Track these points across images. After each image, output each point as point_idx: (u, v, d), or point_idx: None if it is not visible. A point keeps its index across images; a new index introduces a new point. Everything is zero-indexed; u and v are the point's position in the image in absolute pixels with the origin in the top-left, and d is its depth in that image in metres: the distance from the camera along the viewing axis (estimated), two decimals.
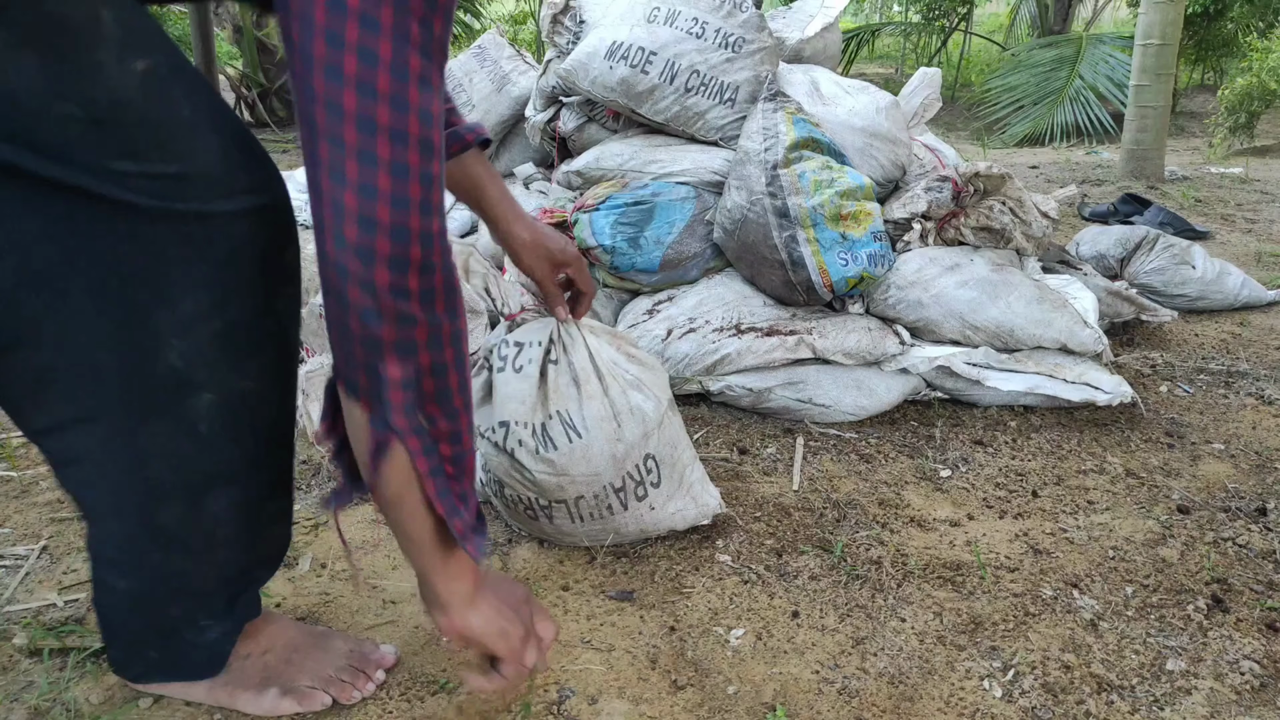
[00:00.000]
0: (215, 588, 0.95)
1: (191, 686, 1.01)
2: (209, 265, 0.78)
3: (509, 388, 1.25)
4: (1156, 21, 4.45)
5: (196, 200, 0.76)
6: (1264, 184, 4.56)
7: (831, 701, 1.05)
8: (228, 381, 0.83)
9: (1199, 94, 8.66)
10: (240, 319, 0.82)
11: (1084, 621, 1.20)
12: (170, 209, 0.75)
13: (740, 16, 2.00)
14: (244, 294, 0.82)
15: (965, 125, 8.10)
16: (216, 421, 0.84)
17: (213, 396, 0.83)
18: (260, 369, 0.86)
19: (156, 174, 0.74)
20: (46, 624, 1.14)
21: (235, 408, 0.85)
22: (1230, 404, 1.92)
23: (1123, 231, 2.72)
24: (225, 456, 0.87)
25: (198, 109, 0.76)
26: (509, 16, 10.32)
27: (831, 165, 1.84)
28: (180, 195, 0.75)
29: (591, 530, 1.30)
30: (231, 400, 0.84)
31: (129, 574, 0.91)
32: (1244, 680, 1.10)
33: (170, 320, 0.78)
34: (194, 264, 0.78)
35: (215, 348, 0.81)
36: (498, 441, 1.25)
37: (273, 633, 1.05)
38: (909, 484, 1.57)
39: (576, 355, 1.26)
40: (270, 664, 1.02)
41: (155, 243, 0.76)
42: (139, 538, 0.88)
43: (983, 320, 1.83)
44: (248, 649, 1.02)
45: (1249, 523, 1.46)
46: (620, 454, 1.25)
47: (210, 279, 0.79)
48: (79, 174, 0.71)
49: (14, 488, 1.49)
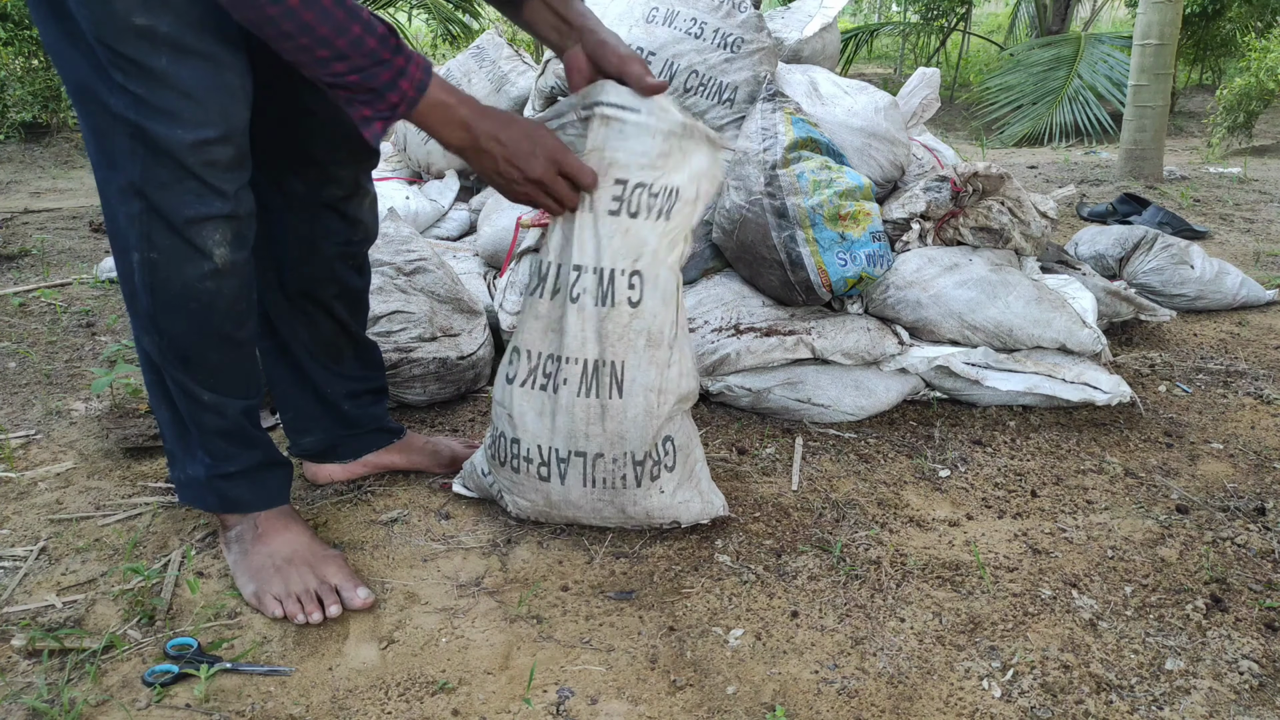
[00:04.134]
0: (166, 417, 1.22)
1: (230, 545, 1.26)
2: (138, 166, 1.02)
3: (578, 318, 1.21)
4: (1155, 21, 4.45)
5: (142, 116, 1.00)
6: (1262, 184, 4.56)
7: (831, 701, 1.05)
8: (144, 248, 1.07)
9: (1197, 94, 8.67)
10: (157, 206, 1.04)
11: (1083, 621, 1.20)
12: (125, 115, 1.00)
13: (739, 17, 2.00)
14: (162, 193, 1.04)
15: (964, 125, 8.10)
16: (143, 277, 1.09)
17: (138, 256, 1.08)
18: (167, 248, 1.07)
19: (127, 87, 0.99)
20: (45, 625, 1.14)
21: (149, 270, 1.08)
22: (1229, 403, 1.93)
23: (1121, 231, 2.73)
24: (147, 308, 1.11)
25: (175, 67, 0.99)
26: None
27: (830, 165, 1.84)
28: (136, 109, 1.00)
29: (599, 503, 1.29)
30: (148, 264, 1.08)
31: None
32: (1243, 680, 1.10)
33: (111, 188, 1.07)
34: (135, 159, 1.02)
35: (135, 220, 1.06)
36: (547, 372, 1.23)
37: (287, 539, 1.24)
38: (908, 484, 1.57)
39: (664, 312, 1.22)
40: (265, 565, 1.21)
41: (119, 134, 1.02)
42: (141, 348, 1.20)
43: (981, 320, 1.83)
44: (262, 547, 1.23)
45: (1248, 522, 1.46)
46: (653, 429, 1.24)
47: (136, 174, 1.03)
48: (96, 74, 1.01)
49: (13, 489, 1.48)
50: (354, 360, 1.44)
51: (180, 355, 1.15)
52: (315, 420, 1.45)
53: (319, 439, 1.46)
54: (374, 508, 1.44)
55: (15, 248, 3.05)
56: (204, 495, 1.25)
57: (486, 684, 1.06)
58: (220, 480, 1.23)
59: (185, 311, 1.11)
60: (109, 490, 1.49)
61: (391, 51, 1.01)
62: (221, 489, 1.23)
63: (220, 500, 1.24)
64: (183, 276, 1.09)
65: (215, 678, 1.06)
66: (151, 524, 1.39)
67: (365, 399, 1.47)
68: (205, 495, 1.24)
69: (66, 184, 4.61)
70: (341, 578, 1.20)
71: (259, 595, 1.18)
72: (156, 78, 0.99)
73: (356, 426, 1.47)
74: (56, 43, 1.03)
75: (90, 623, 1.15)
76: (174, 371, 1.16)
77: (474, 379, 1.86)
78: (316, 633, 1.15)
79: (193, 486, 1.25)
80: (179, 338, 1.13)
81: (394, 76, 1.02)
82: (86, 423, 1.73)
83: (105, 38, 0.97)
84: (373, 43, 1.00)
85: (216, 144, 1.03)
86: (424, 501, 1.46)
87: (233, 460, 1.23)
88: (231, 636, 1.13)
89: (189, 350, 1.15)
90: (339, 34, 0.97)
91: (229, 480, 1.23)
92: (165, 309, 1.11)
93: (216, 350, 1.16)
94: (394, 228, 1.94)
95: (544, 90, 2.27)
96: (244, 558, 1.22)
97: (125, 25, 0.97)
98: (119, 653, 1.09)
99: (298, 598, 1.17)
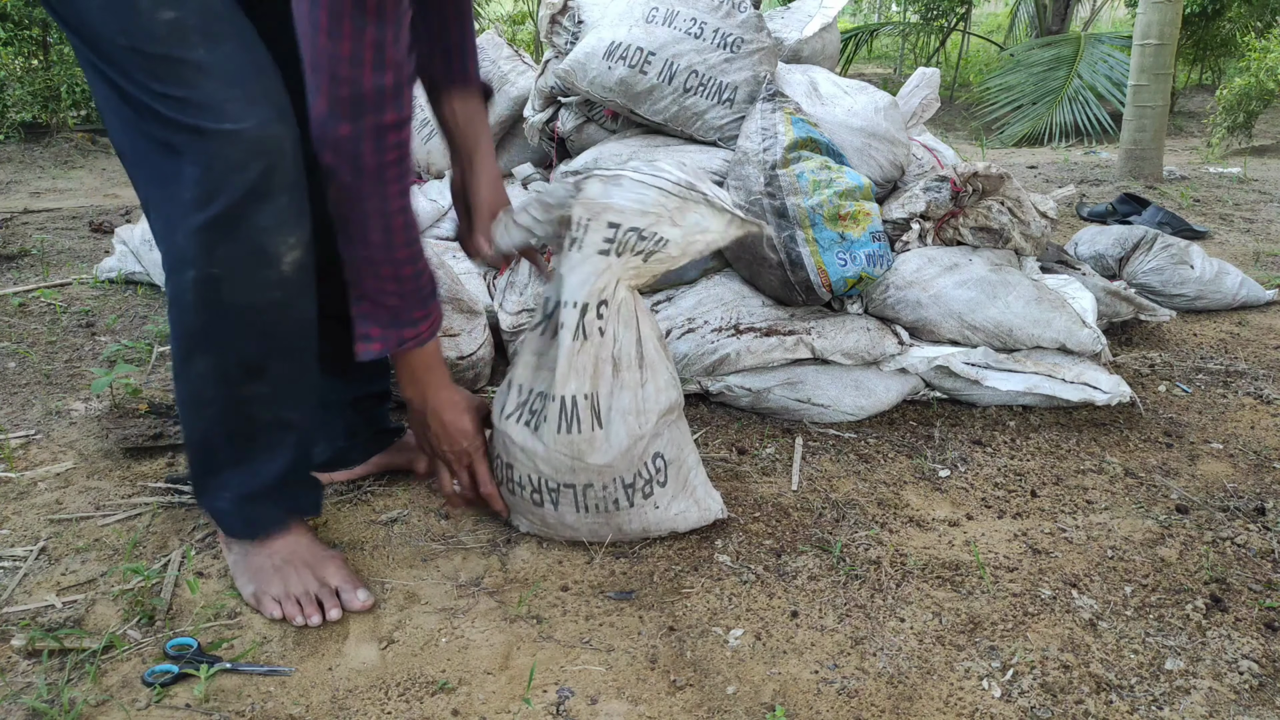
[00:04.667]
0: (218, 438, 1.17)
1: (230, 545, 1.24)
2: (199, 169, 0.99)
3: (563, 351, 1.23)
4: (1155, 21, 4.45)
5: (190, 116, 0.98)
6: (1262, 183, 4.57)
7: (830, 701, 1.05)
8: (202, 264, 1.03)
9: (1197, 94, 8.67)
10: (217, 217, 1.01)
11: (1083, 621, 1.20)
12: (177, 120, 0.98)
13: (739, 16, 2.00)
14: (230, 193, 1.00)
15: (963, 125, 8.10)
16: (199, 295, 1.05)
17: (195, 274, 1.04)
18: (229, 259, 1.04)
19: (170, 94, 0.97)
20: (45, 625, 1.14)
21: (209, 287, 1.04)
22: (1229, 403, 1.93)
23: (1121, 231, 2.73)
24: (203, 327, 1.07)
25: (212, 53, 0.98)
26: (507, 17, 10.31)
27: (830, 165, 1.84)
28: (184, 112, 0.98)
29: (594, 525, 1.30)
30: (208, 280, 1.04)
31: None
32: (1243, 680, 1.10)
33: (170, 206, 1.03)
34: (189, 165, 0.99)
35: (196, 237, 1.02)
36: (534, 409, 1.25)
37: (286, 541, 1.23)
38: (908, 484, 1.57)
39: (624, 334, 1.24)
40: (265, 566, 1.20)
41: (168, 142, 1.00)
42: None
43: (981, 320, 1.83)
44: (262, 548, 1.21)
45: (1247, 522, 1.46)
46: (639, 451, 1.25)
47: (198, 179, 0.99)
48: (128, 82, 0.99)
49: (12, 489, 1.48)
50: (359, 366, 1.44)
51: (245, 371, 1.11)
52: (319, 431, 1.44)
53: (324, 449, 1.46)
54: (374, 508, 1.44)
55: (15, 248, 3.05)
56: (232, 519, 1.22)
57: (486, 684, 1.06)
58: (247, 503, 1.20)
59: (253, 325, 1.08)
60: (109, 490, 1.49)
61: (432, 301, 1.19)
62: (248, 512, 1.20)
63: (246, 524, 1.22)
64: (251, 287, 1.05)
65: (215, 678, 1.06)
66: (151, 524, 1.39)
67: (368, 403, 1.47)
68: (233, 519, 1.22)
69: (66, 184, 4.61)
70: (341, 579, 1.20)
71: (258, 596, 1.18)
72: (196, 71, 0.97)
73: (360, 433, 1.47)
74: (94, 69, 1.02)
75: (90, 623, 1.15)
76: (235, 389, 1.12)
77: (474, 379, 1.86)
78: (316, 633, 1.15)
79: (225, 516, 1.22)
80: (245, 352, 1.09)
81: (422, 319, 1.19)
82: (86, 423, 1.73)
83: (136, 43, 0.96)
84: (428, 285, 1.17)
85: (275, 125, 1.01)
86: (424, 501, 1.46)
87: (274, 473, 1.20)
88: (231, 636, 1.13)
89: (255, 364, 1.11)
90: (411, 260, 1.13)
91: (256, 501, 1.20)
92: (229, 324, 1.07)
93: (284, 362, 1.13)
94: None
95: (544, 90, 2.27)
96: (244, 558, 1.22)
97: (153, 23, 0.96)
98: (119, 653, 1.09)
99: (297, 599, 1.17)
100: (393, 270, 1.13)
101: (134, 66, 0.97)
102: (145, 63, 0.97)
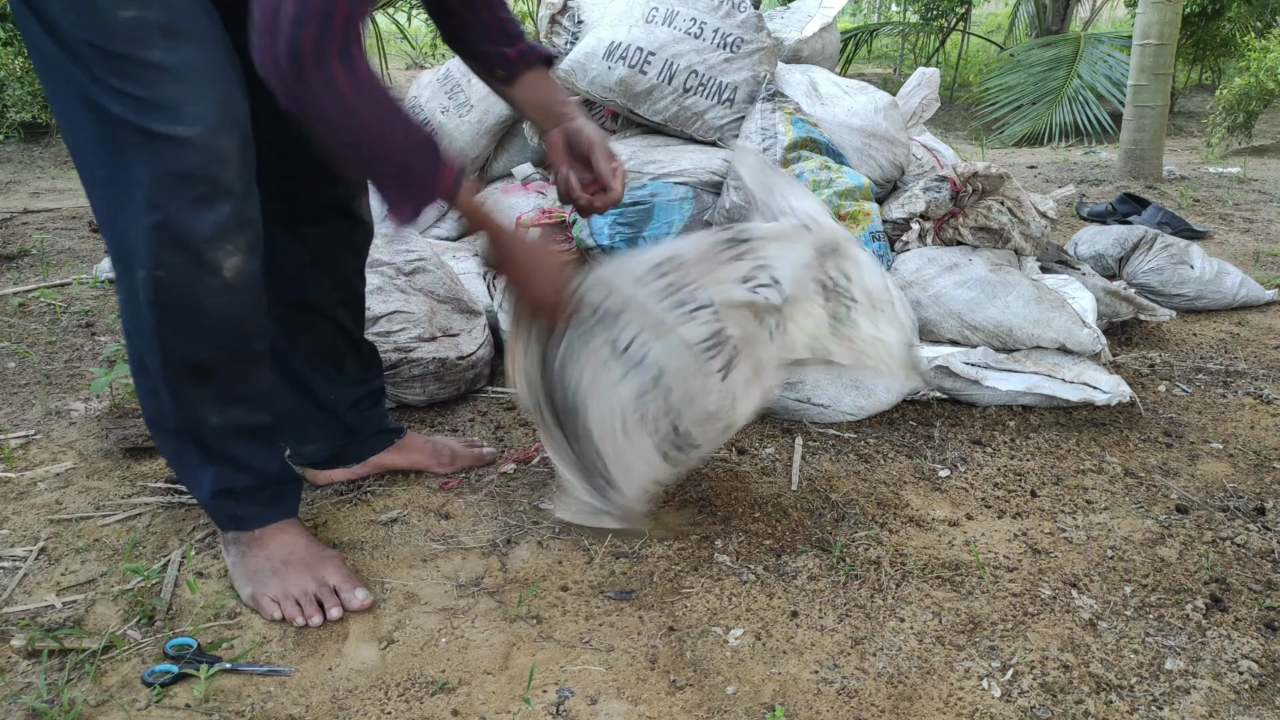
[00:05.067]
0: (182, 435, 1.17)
1: (228, 546, 1.24)
2: (147, 171, 0.99)
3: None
4: (1154, 21, 4.45)
5: (143, 117, 0.98)
6: (1262, 183, 4.57)
7: (830, 701, 1.05)
8: (150, 264, 1.04)
9: (1197, 94, 8.67)
10: (161, 223, 1.01)
11: (1083, 621, 1.20)
12: (128, 120, 0.98)
13: (738, 17, 2.00)
14: (173, 200, 1.01)
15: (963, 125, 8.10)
16: (148, 295, 1.05)
17: (144, 273, 1.04)
18: (172, 264, 1.04)
19: (126, 92, 0.97)
20: (45, 625, 1.14)
21: (156, 288, 1.05)
22: (1228, 403, 1.93)
23: (1121, 231, 2.73)
24: (152, 327, 1.08)
25: (169, 54, 0.98)
26: None
27: (830, 165, 1.85)
28: (137, 111, 0.97)
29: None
30: (155, 282, 1.04)
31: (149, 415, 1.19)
32: (1242, 679, 1.10)
33: (121, 203, 1.03)
34: (139, 166, 0.99)
35: (146, 236, 1.02)
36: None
37: (284, 541, 1.23)
38: (907, 484, 1.57)
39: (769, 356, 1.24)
40: (263, 567, 1.20)
41: (119, 139, 0.99)
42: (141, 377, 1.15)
43: (981, 320, 1.83)
44: (259, 549, 1.21)
45: (1247, 522, 1.46)
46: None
47: (147, 181, 1.00)
48: (84, 75, 0.98)
49: (12, 489, 1.48)
50: (355, 365, 1.44)
51: (191, 374, 1.11)
52: (317, 429, 1.44)
53: (322, 448, 1.46)
54: (374, 508, 1.44)
55: (15, 248, 3.04)
56: (212, 514, 1.24)
57: (486, 684, 1.06)
58: (224, 498, 1.20)
59: (198, 329, 1.09)
60: (109, 490, 1.49)
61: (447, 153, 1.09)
62: (227, 508, 1.21)
63: (229, 519, 1.22)
64: (193, 292, 1.06)
65: (215, 678, 1.06)
66: (151, 524, 1.39)
67: (366, 403, 1.47)
68: (213, 514, 1.23)
69: (66, 184, 4.61)
70: (340, 579, 1.20)
71: (256, 598, 1.18)
72: (154, 70, 0.97)
73: (359, 432, 1.47)
74: (48, 62, 1.00)
75: (90, 623, 1.15)
76: (184, 391, 1.13)
77: (473, 379, 1.86)
78: (316, 633, 1.15)
79: (204, 506, 1.24)
80: (190, 356, 1.10)
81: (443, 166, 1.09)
82: (86, 423, 1.73)
83: (96, 39, 0.95)
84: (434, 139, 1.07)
85: (222, 133, 1.01)
86: (424, 501, 1.46)
87: (245, 475, 1.21)
88: (231, 636, 1.13)
89: (201, 368, 1.12)
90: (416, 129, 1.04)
91: (235, 498, 1.21)
92: (174, 327, 1.08)
93: (230, 367, 1.14)
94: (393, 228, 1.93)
95: None
96: (242, 560, 1.22)
97: (114, 20, 0.95)
98: (119, 653, 1.09)
99: (296, 600, 1.17)
100: (404, 142, 1.04)
101: (92, 60, 0.97)
102: (103, 58, 0.96)
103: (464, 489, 1.51)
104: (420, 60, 9.88)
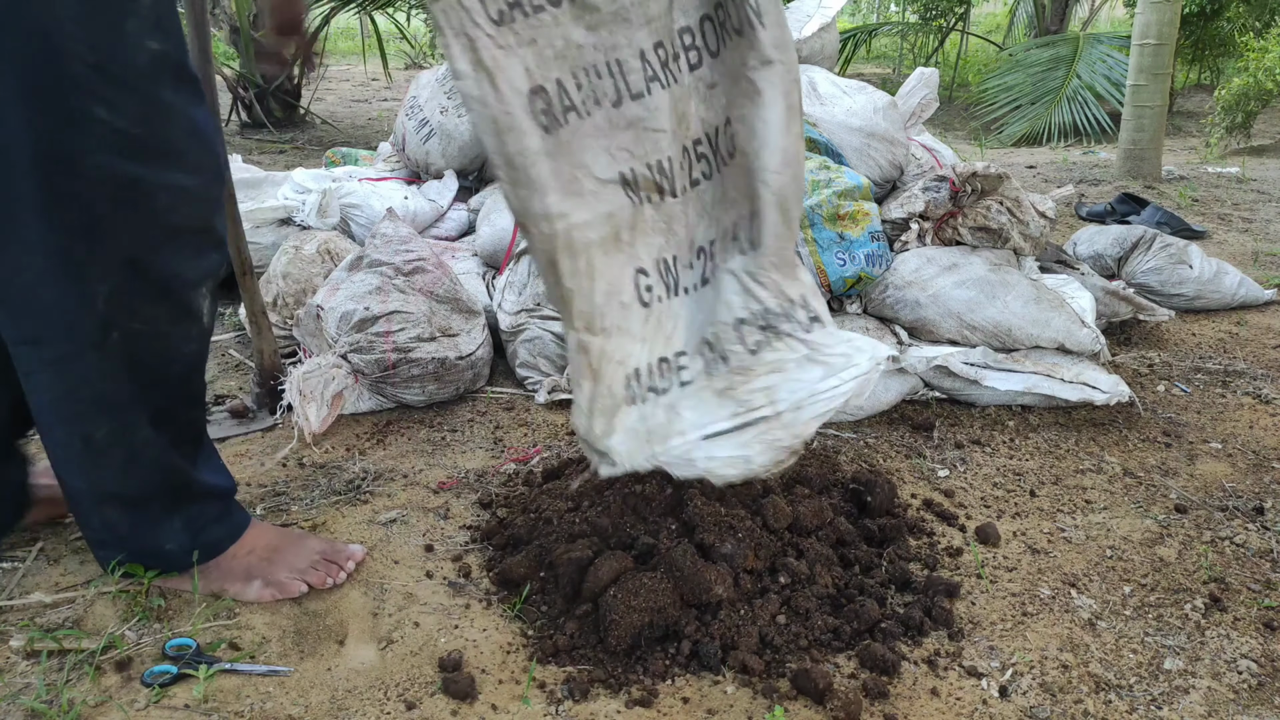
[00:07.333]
0: (154, 493, 1.12)
1: (184, 578, 1.17)
2: (136, 218, 0.92)
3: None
4: (1153, 21, 4.45)
5: (136, 163, 0.89)
6: (1261, 183, 4.57)
7: None
8: (122, 322, 0.98)
9: (1196, 94, 8.67)
10: (151, 273, 0.96)
11: (1082, 621, 1.20)
12: (112, 166, 0.88)
13: None
14: (157, 251, 0.96)
15: (962, 125, 8.10)
16: (126, 355, 1.00)
17: (119, 334, 0.98)
18: (154, 317, 1.00)
19: (117, 127, 0.88)
20: (44, 626, 1.14)
21: (133, 341, 1.00)
22: (1227, 403, 1.93)
23: (1120, 231, 2.73)
24: (129, 384, 1.02)
25: (179, 95, 0.91)
26: None
27: (829, 165, 1.85)
28: (124, 153, 0.89)
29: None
30: (131, 338, 0.99)
31: (78, 476, 1.09)
32: (1242, 679, 1.10)
33: (94, 264, 0.93)
34: (121, 216, 0.92)
35: (119, 293, 0.95)
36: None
37: (255, 535, 1.22)
38: (907, 484, 1.57)
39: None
40: (253, 562, 1.20)
41: (95, 193, 0.89)
42: (76, 447, 1.06)
43: (980, 320, 1.83)
44: (241, 552, 1.20)
45: (1246, 522, 1.46)
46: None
47: (132, 230, 0.93)
48: (77, 102, 0.85)
49: None
50: None
51: (158, 421, 1.08)
52: None
53: None
54: (373, 508, 1.44)
55: None
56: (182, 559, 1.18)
57: (486, 684, 1.06)
58: (199, 533, 1.18)
59: (172, 380, 1.07)
60: None
61: None
62: (204, 538, 1.18)
63: (208, 549, 1.19)
64: (169, 343, 1.04)
65: (214, 678, 1.06)
66: None
67: None
68: (185, 556, 1.18)
69: None
70: (325, 544, 1.25)
71: (269, 584, 1.18)
72: (161, 111, 0.90)
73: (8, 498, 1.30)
74: (16, 98, 0.85)
75: (89, 623, 1.15)
76: (152, 438, 1.08)
77: (473, 379, 1.86)
78: (315, 632, 1.14)
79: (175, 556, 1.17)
80: (160, 405, 1.07)
81: None
82: None
83: (108, 65, 0.86)
84: None
85: (216, 184, 0.99)
86: (423, 501, 1.46)
87: (213, 502, 1.19)
88: (230, 636, 1.13)
89: (168, 415, 1.09)
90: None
91: (208, 527, 1.19)
92: (150, 381, 1.04)
93: (189, 410, 1.13)
94: (392, 228, 1.94)
95: None
96: (222, 575, 1.19)
97: (137, 51, 0.87)
98: (118, 653, 1.09)
99: (312, 567, 1.20)
100: None
101: (93, 85, 0.86)
102: (108, 88, 0.86)
103: (464, 489, 1.51)
104: (420, 60, 9.87)
